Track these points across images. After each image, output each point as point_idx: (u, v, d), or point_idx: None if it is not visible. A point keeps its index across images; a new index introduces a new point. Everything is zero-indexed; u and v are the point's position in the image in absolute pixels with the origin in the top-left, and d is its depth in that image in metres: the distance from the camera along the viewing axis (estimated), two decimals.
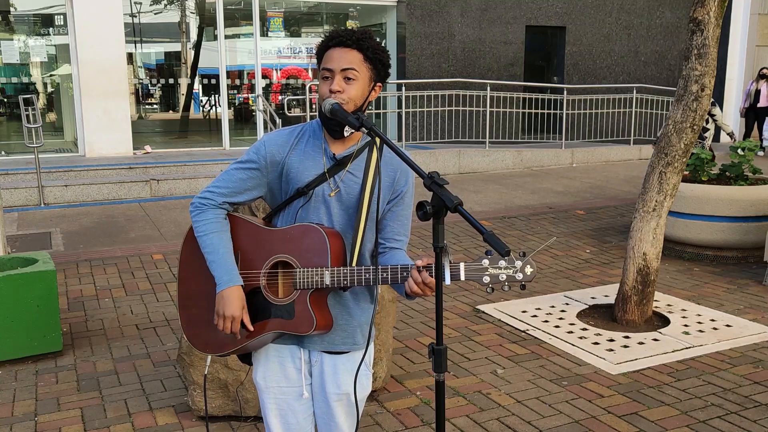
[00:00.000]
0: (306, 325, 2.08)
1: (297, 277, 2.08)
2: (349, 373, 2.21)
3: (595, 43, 14.60)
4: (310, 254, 2.08)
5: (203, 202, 2.17)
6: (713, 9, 4.66)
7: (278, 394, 2.24)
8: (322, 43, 2.12)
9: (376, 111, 13.13)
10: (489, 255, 1.97)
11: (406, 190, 2.21)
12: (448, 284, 1.85)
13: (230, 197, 2.17)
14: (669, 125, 4.86)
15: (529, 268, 1.98)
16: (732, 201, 6.40)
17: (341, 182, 2.14)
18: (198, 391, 3.59)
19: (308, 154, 2.16)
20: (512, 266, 1.98)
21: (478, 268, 1.98)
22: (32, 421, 3.64)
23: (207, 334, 2.18)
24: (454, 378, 4.13)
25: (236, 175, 2.17)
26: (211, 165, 10.42)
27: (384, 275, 2.04)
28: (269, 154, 2.15)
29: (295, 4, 13.45)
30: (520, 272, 1.98)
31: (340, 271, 2.05)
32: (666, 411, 3.70)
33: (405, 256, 2.22)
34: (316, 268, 2.06)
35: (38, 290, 4.33)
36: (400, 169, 2.20)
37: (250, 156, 2.17)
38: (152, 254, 6.63)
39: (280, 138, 2.18)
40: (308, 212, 2.15)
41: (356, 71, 2.07)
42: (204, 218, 2.15)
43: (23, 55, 11.80)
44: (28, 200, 8.80)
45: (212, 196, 2.16)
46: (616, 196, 9.69)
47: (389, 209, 2.22)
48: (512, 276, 1.98)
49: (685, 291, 5.73)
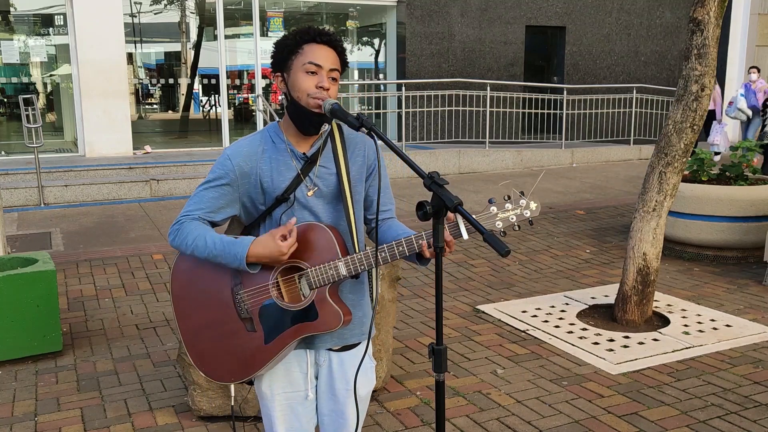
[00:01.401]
0: (335, 320, 2.07)
1: (311, 276, 2.05)
2: (359, 370, 2.20)
3: (595, 43, 14.60)
4: (317, 252, 2.06)
5: (179, 223, 2.10)
6: (713, 9, 4.66)
7: (283, 401, 2.22)
8: (300, 35, 2.05)
9: (376, 111, 13.13)
10: (493, 202, 2.01)
11: (376, 162, 2.22)
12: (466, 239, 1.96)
13: (205, 217, 2.10)
14: (669, 125, 4.86)
15: (533, 204, 2.04)
16: (732, 201, 6.40)
17: (317, 178, 2.13)
18: (198, 391, 3.58)
19: (277, 160, 2.10)
20: (518, 206, 2.03)
21: (490, 216, 2.02)
22: (32, 421, 3.64)
23: (228, 362, 2.13)
24: (454, 378, 4.13)
25: (207, 195, 2.09)
26: (210, 165, 10.37)
27: (400, 249, 2.03)
28: (237, 166, 2.07)
29: (295, 4, 13.45)
30: (527, 209, 2.04)
31: (353, 259, 2.04)
32: (666, 411, 3.70)
33: (399, 223, 2.25)
34: (327, 263, 2.04)
35: (38, 290, 4.33)
36: (365, 143, 2.20)
37: (217, 173, 2.08)
38: (152, 254, 6.64)
39: (243, 148, 2.10)
40: (299, 216, 2.11)
41: (338, 72, 2.08)
42: (186, 231, 2.08)
43: (23, 55, 11.80)
44: (28, 200, 8.80)
45: (187, 218, 2.09)
46: (616, 196, 9.69)
47: (369, 185, 2.23)
48: (521, 215, 2.03)
49: (685, 291, 5.73)
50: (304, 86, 2.03)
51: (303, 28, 2.08)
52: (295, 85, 2.05)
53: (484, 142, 12.30)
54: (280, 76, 2.10)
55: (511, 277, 6.14)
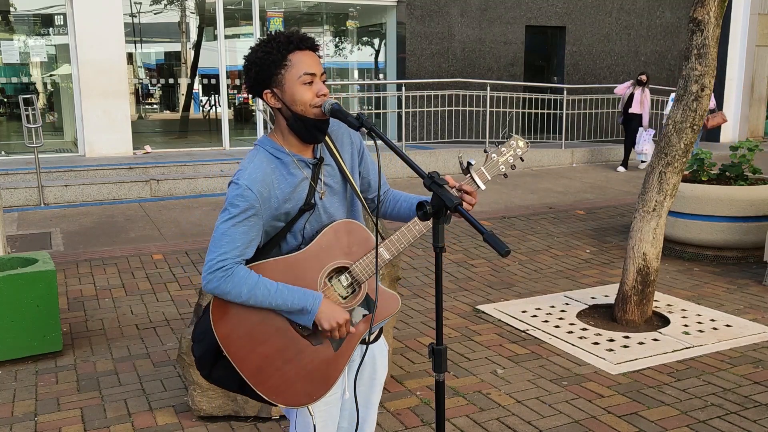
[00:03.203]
0: (393, 303, 2.17)
1: (357, 272, 2.09)
2: (383, 356, 2.33)
3: (595, 43, 14.60)
4: (355, 247, 2.10)
5: (224, 269, 1.97)
6: (713, 9, 4.66)
7: (322, 405, 2.17)
8: (284, 46, 1.97)
9: (376, 111, 13.13)
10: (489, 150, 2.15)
11: (361, 142, 2.27)
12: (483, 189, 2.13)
13: (242, 257, 2.00)
14: (669, 125, 4.87)
15: (521, 142, 2.18)
16: (732, 201, 6.40)
17: (326, 178, 2.14)
18: (198, 391, 3.58)
19: (289, 174, 2.06)
20: (511, 147, 2.17)
21: (493, 164, 2.15)
22: (32, 421, 3.64)
23: (304, 386, 2.09)
24: (454, 378, 4.13)
25: (237, 231, 1.98)
26: (210, 165, 10.42)
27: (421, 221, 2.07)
28: (258, 194, 1.99)
29: (295, 4, 13.45)
30: (519, 149, 2.18)
31: (391, 241, 2.11)
32: (666, 411, 3.70)
33: (399, 191, 2.35)
34: (368, 253, 2.10)
35: (38, 290, 4.33)
36: (347, 130, 2.22)
37: (242, 206, 1.97)
38: (152, 254, 6.63)
39: (256, 174, 2.00)
40: (316, 221, 2.11)
41: (324, 75, 2.09)
42: (239, 279, 1.98)
43: (23, 55, 11.80)
44: (28, 200, 8.80)
45: (228, 261, 1.98)
46: (616, 196, 9.69)
47: (362, 168, 2.28)
48: (516, 155, 2.17)
49: (685, 291, 5.73)
50: (305, 98, 1.99)
51: (279, 36, 1.99)
52: (295, 99, 1.99)
53: (484, 142, 12.30)
54: (270, 93, 2.01)
55: (511, 277, 6.14)
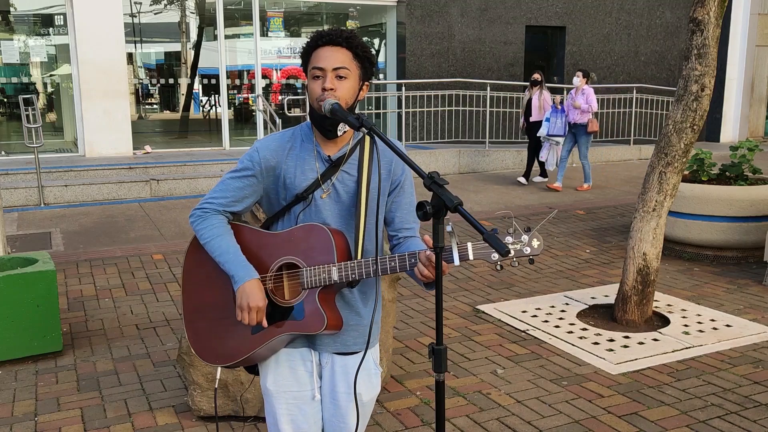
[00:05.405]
0: (317, 323, 2.07)
1: (304, 276, 2.07)
2: (360, 372, 2.20)
3: (595, 43, 14.59)
4: (316, 253, 2.08)
5: (204, 210, 2.17)
6: (713, 9, 4.65)
7: (290, 399, 2.22)
8: (309, 43, 2.11)
9: (376, 111, 13.13)
10: (495, 232, 1.90)
11: (404, 179, 2.22)
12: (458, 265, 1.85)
13: (229, 206, 2.17)
14: (669, 125, 4.86)
15: (536, 242, 1.94)
16: (732, 201, 6.40)
17: (337, 182, 2.14)
18: (198, 391, 3.58)
19: (303, 158, 2.15)
20: (519, 241, 1.95)
21: (486, 246, 1.94)
22: (32, 421, 3.64)
23: (216, 345, 2.17)
24: (454, 378, 4.13)
25: (233, 183, 2.16)
26: (211, 165, 10.42)
27: (392, 263, 2.03)
28: (263, 159, 2.14)
29: (295, 4, 13.45)
30: (528, 246, 1.95)
31: (347, 266, 2.05)
32: (666, 411, 3.70)
33: (420, 242, 2.18)
34: (321, 265, 2.06)
35: (38, 290, 4.33)
36: (394, 159, 2.20)
37: (245, 164, 2.15)
38: (152, 254, 6.63)
39: (272, 143, 2.16)
40: (309, 215, 2.15)
41: (347, 69, 2.07)
42: (208, 224, 2.15)
43: (23, 55, 11.80)
44: (28, 200, 8.80)
45: (212, 205, 2.17)
46: (616, 196, 9.69)
47: (392, 200, 2.22)
48: (520, 251, 1.95)
49: (685, 291, 5.73)
50: (313, 92, 2.08)
51: (316, 32, 2.12)
52: (308, 91, 2.12)
53: (484, 142, 12.30)
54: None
55: (511, 277, 6.14)
